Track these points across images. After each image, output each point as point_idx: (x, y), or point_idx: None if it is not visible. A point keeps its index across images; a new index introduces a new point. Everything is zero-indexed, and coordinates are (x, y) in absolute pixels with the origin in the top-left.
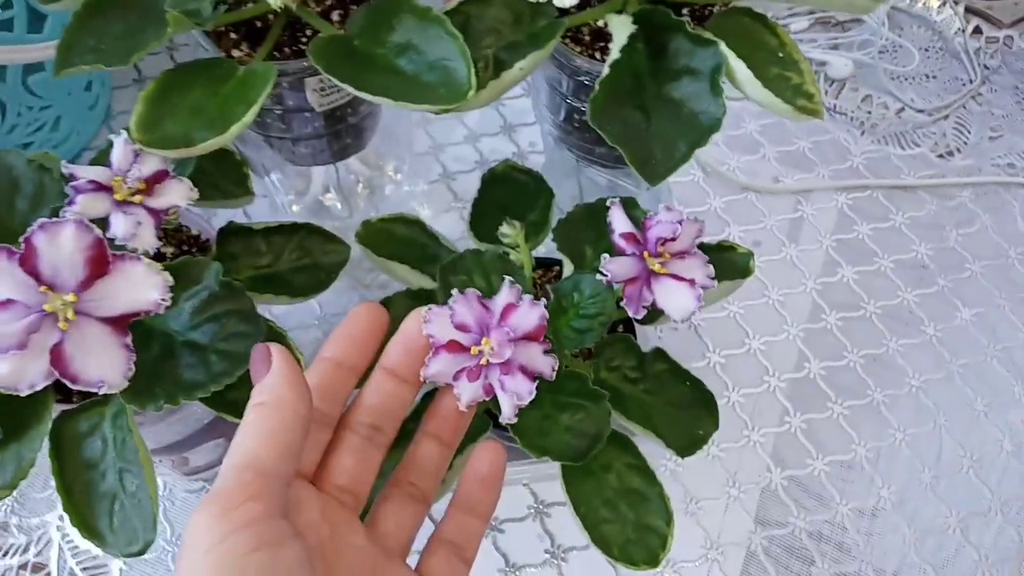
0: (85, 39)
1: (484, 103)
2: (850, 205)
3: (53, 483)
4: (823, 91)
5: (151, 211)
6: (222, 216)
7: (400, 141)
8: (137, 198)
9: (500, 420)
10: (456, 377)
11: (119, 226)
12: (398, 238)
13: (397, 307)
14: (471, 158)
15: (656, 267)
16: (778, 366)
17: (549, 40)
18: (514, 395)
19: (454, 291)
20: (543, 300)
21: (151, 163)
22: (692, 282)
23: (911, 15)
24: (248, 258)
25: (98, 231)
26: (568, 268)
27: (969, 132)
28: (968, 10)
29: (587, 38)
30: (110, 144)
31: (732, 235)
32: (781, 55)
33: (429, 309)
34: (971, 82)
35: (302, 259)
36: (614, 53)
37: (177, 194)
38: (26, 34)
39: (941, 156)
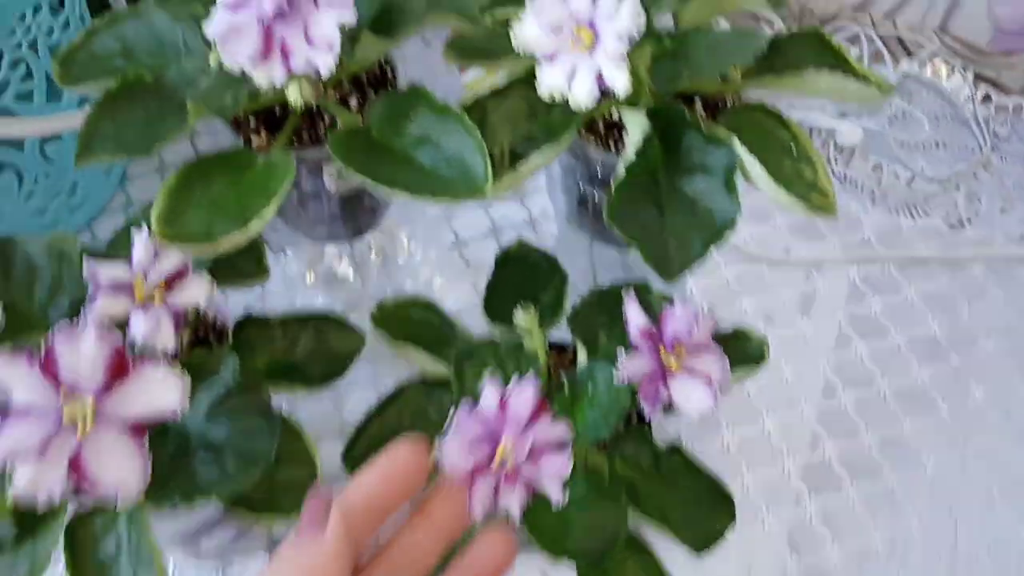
0: (106, 127)
1: (500, 193)
2: (862, 278)
3: None
4: (832, 159)
5: (171, 309)
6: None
7: (412, 208)
8: (157, 297)
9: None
10: (472, 485)
11: (139, 327)
12: (413, 321)
13: (412, 396)
14: (483, 224)
15: (673, 364)
16: (792, 447)
17: (565, 134)
18: (526, 500)
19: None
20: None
21: (172, 259)
22: (709, 379)
23: (920, 82)
24: (264, 347)
25: (119, 336)
26: (583, 355)
27: (980, 202)
28: (978, 77)
29: (601, 128)
30: (128, 226)
31: (743, 307)
32: (794, 149)
33: (439, 441)
34: (981, 150)
35: (317, 347)
36: (629, 154)
37: (197, 291)
38: (45, 103)
39: (953, 227)
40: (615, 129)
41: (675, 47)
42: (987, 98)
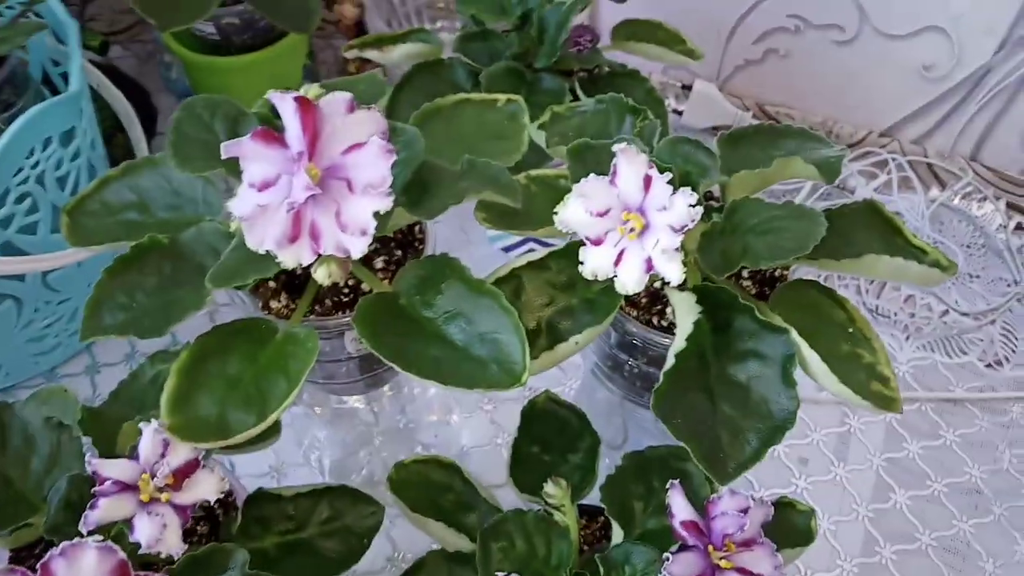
0: (116, 295)
1: (535, 373)
2: (899, 419)
3: None
4: (863, 291)
5: (178, 508)
6: None
7: None
8: (164, 496)
9: None
10: None
11: (143, 532)
12: (433, 484)
13: (431, 570)
14: None
15: (722, 563)
16: None
17: (608, 313)
18: None
19: None
20: None
21: (182, 453)
22: None
23: (951, 209)
24: (276, 523)
25: (121, 554)
26: (618, 533)
27: (1016, 339)
28: (1010, 206)
29: (643, 300)
30: (133, 378)
31: (777, 451)
32: (851, 331)
33: None
34: (1016, 283)
35: (332, 522)
36: (679, 341)
37: (207, 487)
38: (49, 234)
39: (989, 366)
40: (657, 301)
41: (725, 225)
42: (1019, 227)
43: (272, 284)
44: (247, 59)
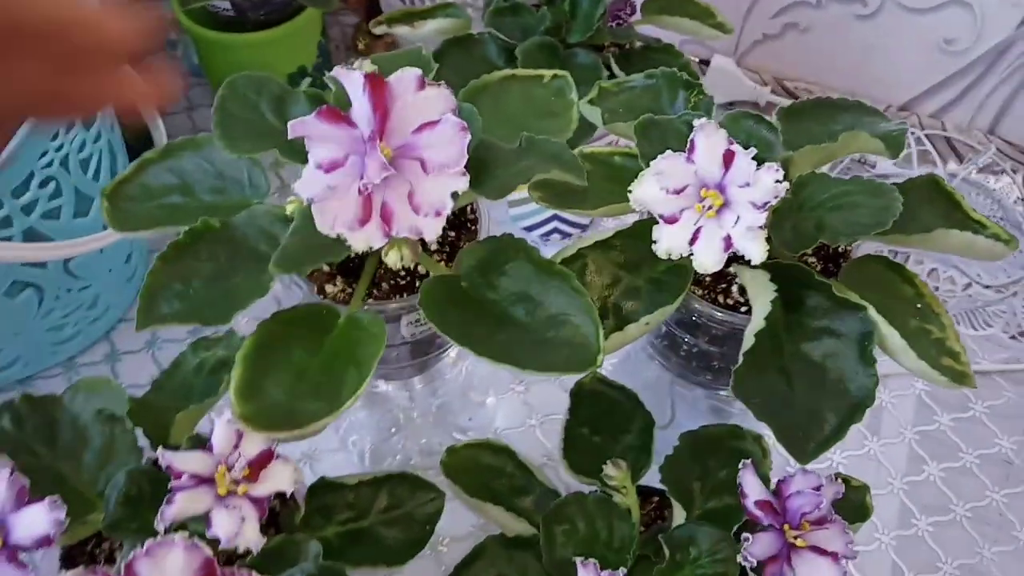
0: (171, 283)
1: (606, 355)
2: (928, 392)
3: None
4: None
5: (255, 501)
6: None
7: None
8: (241, 488)
9: None
10: None
11: (222, 526)
12: (486, 468)
13: (491, 556)
14: None
15: (797, 542)
16: None
17: (679, 293)
18: None
19: None
20: None
21: (256, 443)
22: (835, 555)
23: (968, 183)
24: (337, 513)
25: (208, 551)
26: (680, 513)
27: None
28: None
29: (708, 279)
30: (181, 359)
31: None
32: (919, 306)
33: None
34: None
35: (392, 510)
36: (757, 320)
37: (283, 478)
38: (72, 219)
39: (1014, 337)
40: (722, 280)
41: (794, 201)
42: None
43: (327, 268)
44: (262, 36)
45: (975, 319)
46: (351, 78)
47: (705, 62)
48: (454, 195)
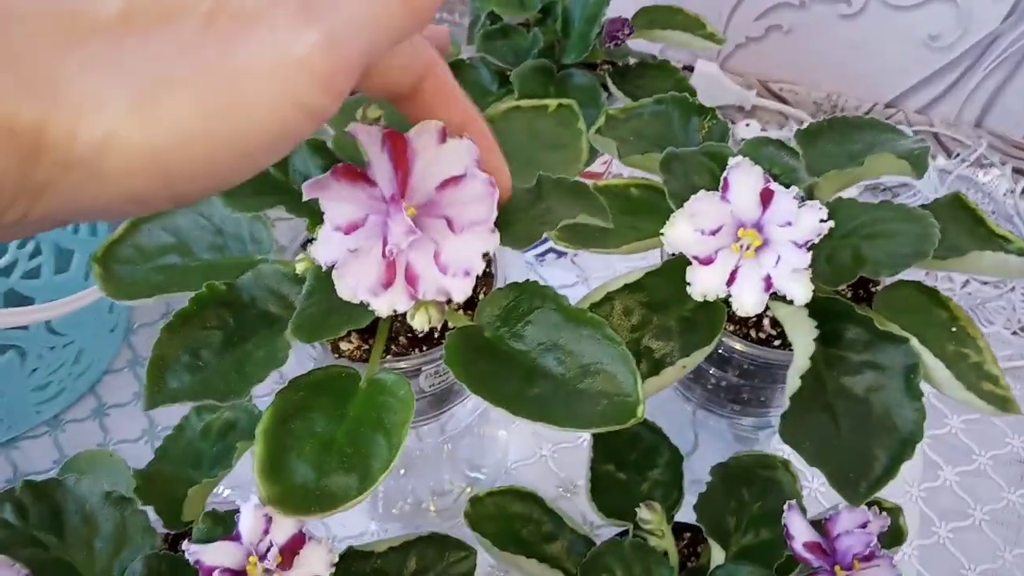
0: (179, 355)
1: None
2: (936, 395)
3: None
4: None
5: None
6: None
7: None
8: None
9: None
10: None
11: None
12: (513, 516)
13: None
14: None
15: None
16: None
17: (714, 332)
18: None
19: None
20: None
21: (286, 528)
22: None
23: (960, 177)
24: None
25: None
26: (718, 553)
27: None
28: (1016, 171)
29: (737, 313)
30: (182, 426)
31: None
32: (954, 330)
33: None
34: None
35: (423, 574)
36: (802, 360)
37: (317, 562)
38: (52, 275)
39: (1015, 333)
40: (755, 315)
41: (829, 230)
42: None
43: None
44: None
45: (976, 317)
46: (368, 134)
47: (689, 68)
48: (485, 256)
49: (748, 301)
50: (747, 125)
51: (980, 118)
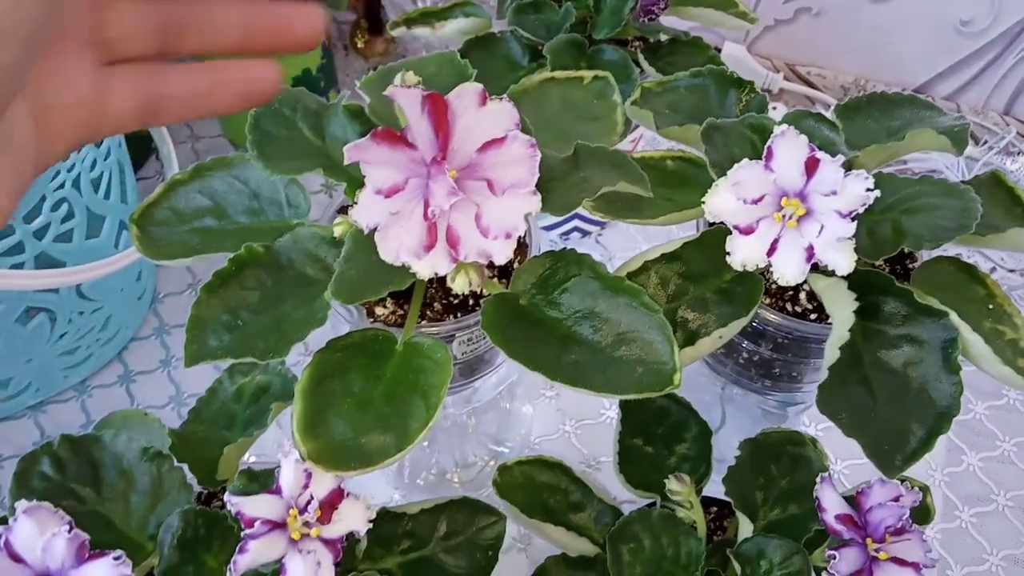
0: (219, 315)
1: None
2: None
3: None
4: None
5: (328, 543)
6: None
7: None
8: (314, 531)
9: None
10: None
11: (297, 573)
12: (541, 486)
13: None
14: None
15: (880, 555)
16: None
17: (751, 303)
18: None
19: None
20: None
21: (325, 482)
22: (916, 566)
23: (987, 165)
24: (397, 543)
25: None
26: (745, 525)
27: None
28: None
29: (774, 287)
30: (214, 389)
31: None
32: (991, 307)
33: None
34: None
35: (453, 537)
36: (841, 331)
37: (356, 518)
38: (84, 240)
39: None
40: (790, 287)
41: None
42: None
43: None
44: None
45: None
46: (408, 97)
47: (716, 49)
48: (527, 216)
49: (789, 271)
50: (774, 108)
51: (1009, 106)
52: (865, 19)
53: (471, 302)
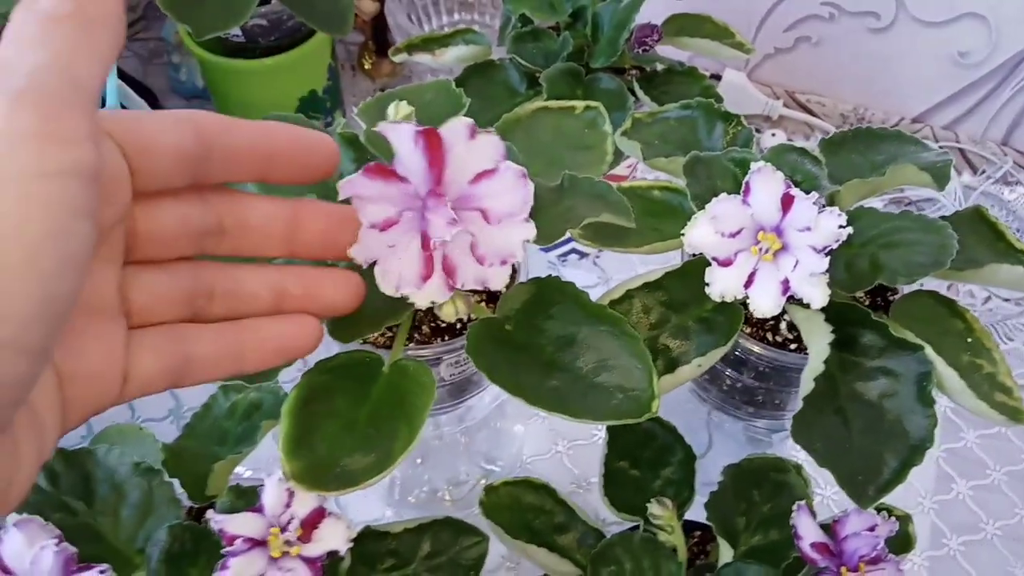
0: None
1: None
2: (953, 409)
3: None
4: None
5: (309, 562)
6: None
7: None
8: (294, 549)
9: None
10: None
11: None
12: (526, 507)
13: None
14: None
15: None
16: None
17: (731, 333)
18: None
19: None
20: None
21: (307, 501)
22: None
23: (985, 194)
24: (380, 562)
25: None
26: (726, 551)
27: None
28: None
29: (755, 316)
30: (206, 408)
31: None
32: (970, 340)
33: None
34: None
35: (435, 557)
36: (816, 363)
37: (336, 537)
38: None
39: None
40: (770, 318)
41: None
42: None
43: None
44: (273, 61)
45: (996, 333)
46: (399, 132)
47: (716, 76)
48: (524, 244)
49: (765, 303)
50: (773, 135)
51: (1007, 136)
52: (865, 49)
53: (458, 326)
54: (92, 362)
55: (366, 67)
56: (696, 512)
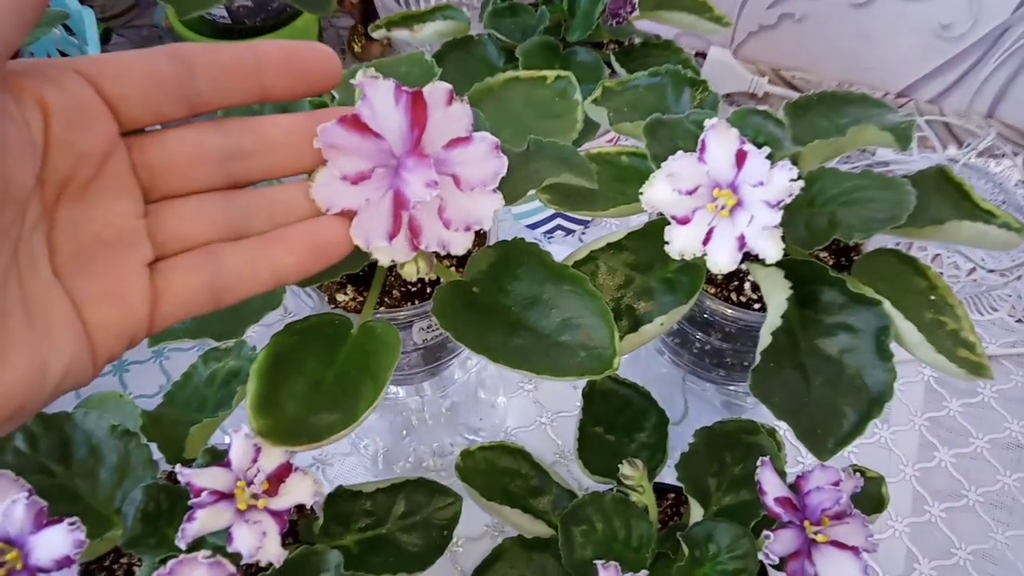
0: None
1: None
2: (937, 378)
3: None
4: None
5: (275, 515)
6: None
7: None
8: (261, 502)
9: None
10: None
11: (243, 541)
12: (501, 470)
13: (510, 558)
14: None
15: (818, 537)
16: (887, 570)
17: (692, 292)
18: None
19: None
20: None
21: (274, 457)
22: (856, 550)
23: (969, 167)
24: (355, 520)
25: (231, 567)
26: (697, 510)
27: None
28: None
29: (720, 277)
30: (188, 376)
31: None
32: (933, 298)
33: None
34: None
35: (410, 516)
36: (773, 318)
37: (302, 491)
38: None
39: (1020, 320)
40: (734, 278)
41: (805, 196)
42: None
43: (338, 279)
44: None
45: (981, 304)
46: (379, 88)
47: (702, 54)
48: (493, 213)
49: (721, 259)
50: None
51: (992, 109)
52: (848, 24)
53: (429, 290)
54: (107, 286)
55: (356, 50)
56: (671, 475)
